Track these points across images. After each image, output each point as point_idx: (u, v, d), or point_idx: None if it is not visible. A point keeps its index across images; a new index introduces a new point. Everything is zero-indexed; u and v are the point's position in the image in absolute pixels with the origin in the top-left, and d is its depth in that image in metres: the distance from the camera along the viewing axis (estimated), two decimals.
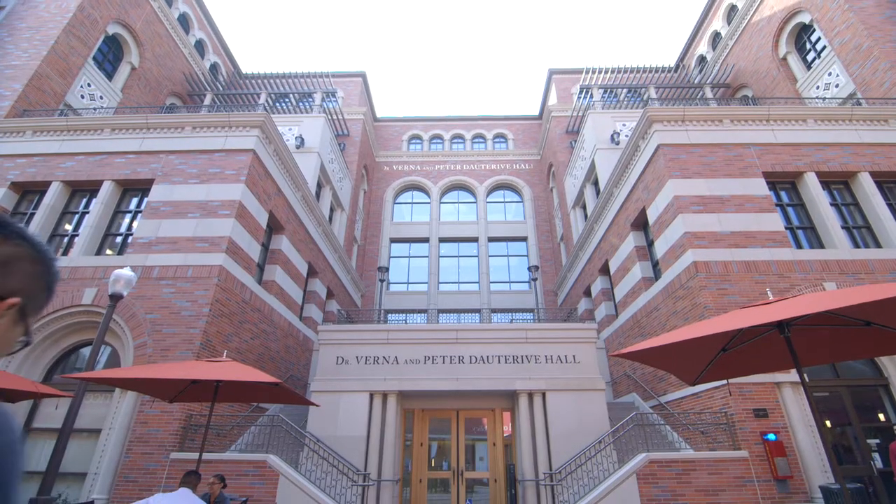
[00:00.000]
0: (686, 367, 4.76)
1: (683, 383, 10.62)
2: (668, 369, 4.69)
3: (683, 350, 4.45)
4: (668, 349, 4.17)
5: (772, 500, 8.19)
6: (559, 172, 22.45)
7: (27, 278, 0.86)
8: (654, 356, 4.34)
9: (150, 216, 11.21)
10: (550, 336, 11.58)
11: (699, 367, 4.77)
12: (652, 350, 3.96)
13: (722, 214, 10.88)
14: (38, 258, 0.88)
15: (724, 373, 5.11)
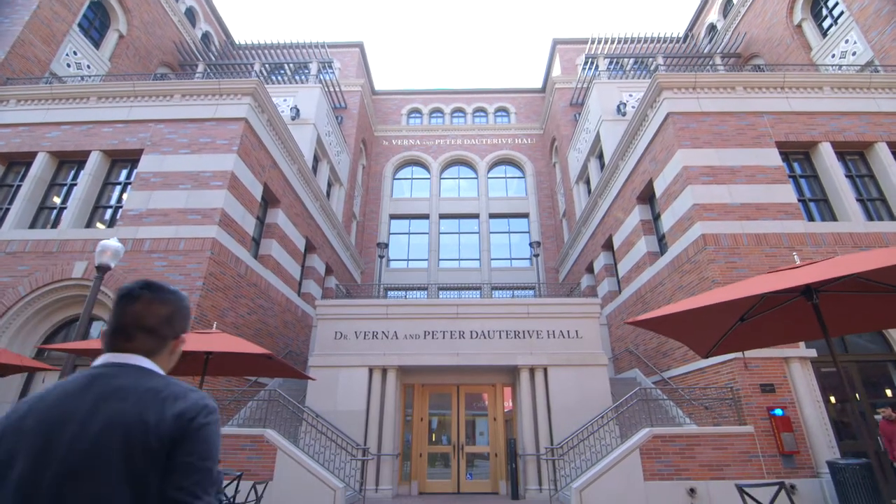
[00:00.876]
0: (700, 338, 4.48)
1: (687, 359, 10.45)
2: (682, 339, 4.41)
3: (700, 319, 4.16)
4: (685, 317, 3.88)
5: (777, 474, 8.06)
6: (562, 146, 21.90)
7: (184, 320, 1.36)
8: (669, 324, 4.06)
9: (140, 188, 10.84)
10: (553, 311, 11.34)
11: (714, 337, 4.49)
12: (668, 318, 3.67)
13: (732, 186, 10.49)
14: (183, 304, 1.35)
15: (740, 344, 4.84)
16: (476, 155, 25.31)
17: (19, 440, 1.05)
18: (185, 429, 1.10)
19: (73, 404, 1.09)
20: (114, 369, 1.20)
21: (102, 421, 1.06)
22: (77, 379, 1.17)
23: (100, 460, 1.02)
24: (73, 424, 1.06)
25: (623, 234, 14.22)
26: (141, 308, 1.27)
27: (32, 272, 10.04)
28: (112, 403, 1.09)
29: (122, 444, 1.04)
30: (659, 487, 7.93)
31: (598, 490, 7.91)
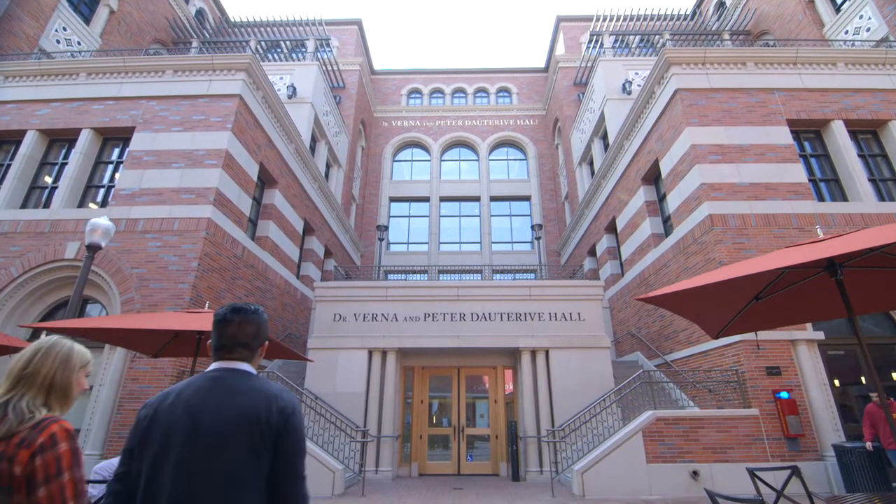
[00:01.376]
0: (712, 317, 4.28)
1: (691, 341, 10.29)
2: (693, 318, 4.21)
3: (714, 296, 3.95)
4: (699, 293, 3.67)
5: (781, 457, 7.96)
6: (565, 127, 21.47)
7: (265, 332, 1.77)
8: (682, 301, 3.85)
9: (133, 166, 10.56)
10: (555, 293, 11.16)
11: (726, 317, 4.29)
12: (682, 294, 3.46)
13: (741, 165, 10.19)
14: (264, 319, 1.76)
15: (753, 325, 4.64)
16: (477, 136, 24.86)
17: (174, 421, 1.45)
18: (286, 420, 1.51)
19: (204, 398, 1.49)
20: (226, 373, 1.60)
21: (228, 412, 1.45)
22: (202, 379, 1.58)
23: (231, 439, 1.41)
24: (208, 413, 1.46)
25: (627, 216, 13.96)
26: (235, 329, 1.67)
27: (24, 253, 9.84)
28: (232, 399, 1.49)
29: (245, 429, 1.43)
30: (661, 470, 7.84)
31: (600, 472, 7.82)
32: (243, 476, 1.39)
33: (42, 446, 1.39)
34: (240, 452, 1.41)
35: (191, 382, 1.57)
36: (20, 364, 1.53)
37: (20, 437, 1.40)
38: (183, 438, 1.42)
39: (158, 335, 5.87)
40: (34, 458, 1.37)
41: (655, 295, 3.38)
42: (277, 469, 1.46)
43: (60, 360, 1.59)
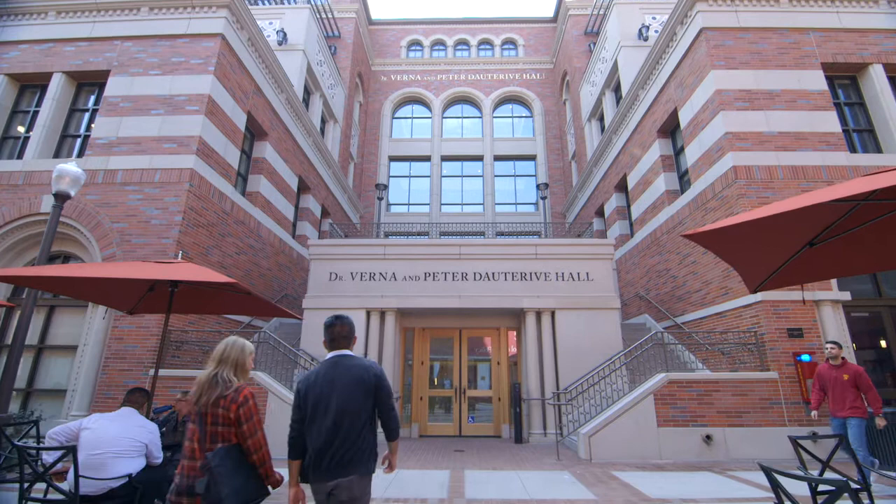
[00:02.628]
0: (757, 264, 3.68)
1: (705, 303, 9.78)
2: (736, 263, 3.61)
3: (766, 237, 3.34)
4: (752, 230, 3.06)
5: (798, 422, 7.58)
6: (574, 81, 20.26)
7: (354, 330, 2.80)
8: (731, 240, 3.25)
9: (109, 113, 9.76)
10: (562, 252, 10.57)
11: (774, 263, 3.69)
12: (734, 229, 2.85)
13: (770, 112, 9.35)
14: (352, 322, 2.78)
15: (799, 276, 4.06)
16: (480, 92, 23.62)
17: (320, 387, 2.50)
18: (378, 379, 2.58)
19: (333, 372, 2.55)
20: (339, 358, 2.62)
21: (348, 378, 2.52)
22: (327, 364, 2.61)
23: (352, 391, 2.48)
24: (338, 380, 2.51)
25: (639, 173, 13.17)
26: (338, 330, 2.68)
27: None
28: (348, 371, 2.55)
29: (359, 385, 2.51)
30: (673, 434, 7.48)
31: (608, 436, 7.46)
32: (360, 408, 2.50)
33: (241, 402, 2.44)
34: (357, 397, 2.50)
35: (322, 366, 2.62)
36: (219, 352, 2.58)
37: (230, 397, 2.43)
38: (328, 395, 2.49)
39: (131, 288, 5.32)
40: (239, 409, 2.42)
41: (706, 230, 2.76)
42: (379, 403, 2.58)
43: (239, 349, 2.62)
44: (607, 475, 6.34)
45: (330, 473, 2.39)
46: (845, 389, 5.58)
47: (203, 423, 2.40)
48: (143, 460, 3.81)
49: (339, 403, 2.45)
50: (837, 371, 5.72)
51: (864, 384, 5.54)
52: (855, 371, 5.64)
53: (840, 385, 5.63)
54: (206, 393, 2.43)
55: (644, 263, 13.05)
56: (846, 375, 5.64)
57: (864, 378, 5.57)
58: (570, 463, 7.20)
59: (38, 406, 8.39)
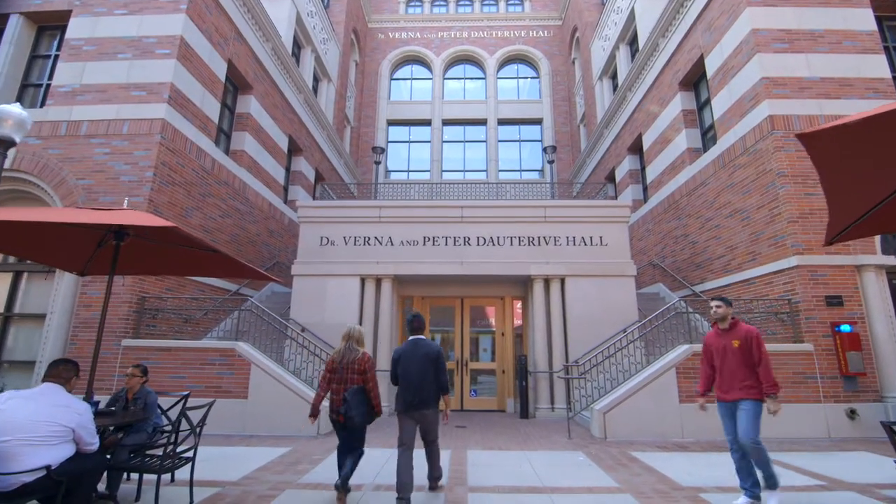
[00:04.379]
0: (857, 196, 2.84)
1: (729, 269, 8.96)
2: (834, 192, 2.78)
3: (872, 163, 2.50)
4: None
5: (835, 398, 6.89)
6: (585, 37, 18.89)
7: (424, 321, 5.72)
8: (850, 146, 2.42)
9: (71, 58, 8.76)
10: (574, 215, 9.71)
11: (873, 199, 2.85)
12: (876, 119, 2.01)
13: (812, 55, 8.30)
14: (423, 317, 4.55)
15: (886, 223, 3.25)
16: (484, 51, 22.20)
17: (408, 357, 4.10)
18: (438, 354, 4.15)
19: (414, 348, 4.11)
20: (418, 340, 4.20)
21: (422, 353, 4.08)
22: (410, 343, 4.19)
23: (424, 361, 4.05)
24: (417, 352, 4.09)
25: (657, 131, 12.15)
26: (417, 323, 4.30)
27: None
28: (425, 349, 4.12)
29: (427, 357, 4.07)
30: (696, 411, 6.77)
31: (625, 413, 6.79)
32: (429, 371, 4.02)
33: (365, 361, 4.05)
34: (428, 365, 4.04)
35: (407, 344, 4.19)
36: (347, 333, 4.21)
37: (358, 359, 4.04)
38: (411, 361, 4.04)
39: (74, 243, 4.51)
40: (364, 365, 4.02)
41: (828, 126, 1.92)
42: (437, 369, 4.08)
43: (358, 331, 4.22)
44: (626, 456, 5.67)
45: (416, 408, 4.01)
46: (736, 362, 3.92)
47: (343, 373, 4.03)
48: (71, 447, 3.08)
49: (418, 368, 4.06)
50: (726, 337, 4.03)
51: (756, 353, 3.88)
52: (747, 334, 3.94)
53: (729, 356, 3.96)
54: (346, 356, 4.10)
55: (659, 230, 12.19)
56: (736, 342, 3.93)
57: (758, 344, 3.89)
58: (583, 441, 6.55)
59: (3, 379, 7.75)
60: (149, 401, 4.13)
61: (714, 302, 4.13)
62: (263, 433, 6.92)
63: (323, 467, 5.12)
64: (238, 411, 7.05)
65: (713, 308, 4.12)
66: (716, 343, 4.12)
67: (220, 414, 6.88)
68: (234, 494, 4.11)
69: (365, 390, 3.96)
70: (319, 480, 4.60)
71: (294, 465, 5.18)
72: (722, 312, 4.08)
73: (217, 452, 5.72)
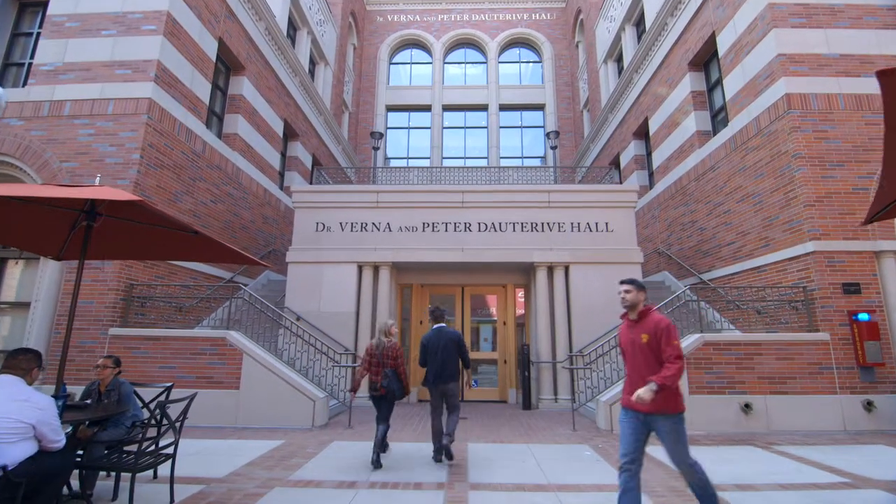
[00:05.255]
0: None
1: (739, 256, 8.64)
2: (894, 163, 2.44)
3: None
4: None
5: (851, 389, 6.61)
6: (589, 19, 18.35)
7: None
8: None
9: (53, 35, 8.36)
10: (579, 199, 9.37)
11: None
12: None
13: (831, 31, 7.88)
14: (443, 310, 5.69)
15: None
16: (485, 34, 21.64)
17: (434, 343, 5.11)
18: (460, 338, 5.22)
19: (438, 335, 5.14)
20: (441, 328, 5.24)
21: (446, 338, 5.11)
22: (435, 330, 5.21)
23: (448, 345, 5.08)
24: (441, 339, 5.11)
25: (664, 114, 11.74)
26: (439, 313, 5.40)
27: None
28: (446, 335, 5.13)
29: (451, 342, 5.11)
30: (707, 402, 6.52)
31: None
32: (454, 356, 5.07)
33: (396, 348, 5.11)
34: (452, 349, 5.06)
35: (432, 332, 5.21)
36: (379, 326, 5.39)
37: (389, 347, 5.09)
38: (437, 346, 5.06)
39: (47, 225, 4.19)
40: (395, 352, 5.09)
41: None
42: (460, 350, 5.12)
43: (387, 324, 5.29)
44: None
45: (442, 381, 5.01)
46: (644, 361, 3.03)
47: (380, 358, 5.04)
48: (32, 445, 2.79)
49: (443, 351, 5.06)
50: (635, 330, 3.13)
51: (665, 350, 2.94)
52: (656, 327, 3.02)
53: (638, 354, 3.08)
54: (379, 345, 5.11)
55: (665, 216, 11.85)
56: (644, 336, 3.03)
57: (668, 338, 2.95)
58: (589, 434, 6.29)
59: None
60: (123, 392, 3.84)
61: (623, 286, 3.17)
62: (256, 425, 6.66)
63: (316, 462, 4.86)
64: (230, 403, 6.79)
65: (621, 293, 3.17)
66: (624, 337, 3.22)
67: (211, 405, 6.65)
68: (218, 493, 3.84)
69: (397, 373, 5.03)
70: (311, 477, 4.33)
71: (285, 460, 4.91)
72: (631, 299, 3.13)
73: (205, 446, 5.46)
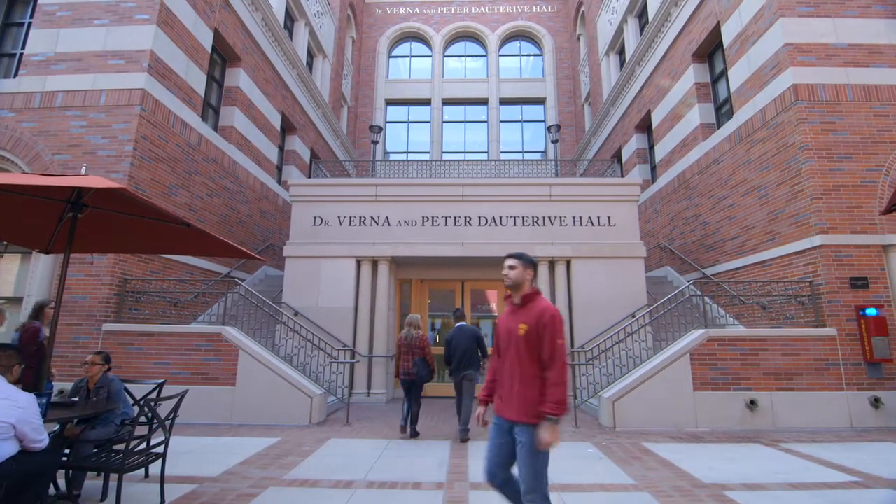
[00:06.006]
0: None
1: (743, 251, 8.51)
2: None
3: None
4: None
5: (858, 385, 6.49)
6: (591, 11, 18.12)
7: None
8: None
9: (44, 24, 8.17)
10: (581, 193, 9.23)
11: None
12: None
13: (839, 20, 7.71)
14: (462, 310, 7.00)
15: None
16: (486, 27, 21.40)
17: (457, 338, 5.98)
18: (478, 335, 6.07)
19: (461, 332, 6.01)
20: (462, 325, 6.14)
21: (467, 335, 5.97)
22: (458, 328, 6.08)
23: (469, 340, 5.95)
24: (463, 336, 5.97)
25: (667, 107, 11.57)
26: (460, 314, 6.48)
27: None
28: (467, 333, 6.00)
29: (471, 337, 5.99)
30: (711, 399, 6.41)
31: (635, 401, 6.40)
32: (473, 348, 5.93)
33: (423, 338, 6.14)
34: (472, 343, 5.94)
35: (455, 329, 6.07)
36: (407, 319, 6.30)
37: (418, 338, 6.11)
38: (459, 340, 5.93)
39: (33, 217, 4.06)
40: (423, 342, 6.12)
41: None
42: (481, 345, 6.03)
43: (416, 318, 6.31)
44: (639, 448, 5.29)
45: (463, 370, 5.87)
46: (517, 357, 2.44)
47: (410, 348, 6.01)
48: (13, 445, 2.67)
49: (463, 346, 5.90)
50: (515, 318, 2.52)
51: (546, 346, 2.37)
52: (539, 316, 2.42)
53: (512, 347, 2.48)
54: (408, 337, 6.07)
55: (668, 210, 11.70)
56: (523, 326, 2.43)
57: (552, 333, 2.37)
58: (591, 431, 6.17)
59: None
60: (112, 389, 3.71)
61: (508, 260, 2.59)
62: (252, 422, 6.54)
63: (312, 461, 4.74)
64: (226, 399, 6.67)
65: (505, 269, 2.59)
66: (502, 324, 2.58)
67: (206, 402, 6.54)
68: (210, 493, 3.72)
69: (425, 360, 6.04)
70: (307, 476, 4.21)
71: (281, 458, 4.79)
72: (515, 277, 2.53)
73: (200, 444, 5.35)
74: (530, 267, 2.60)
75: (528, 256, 2.63)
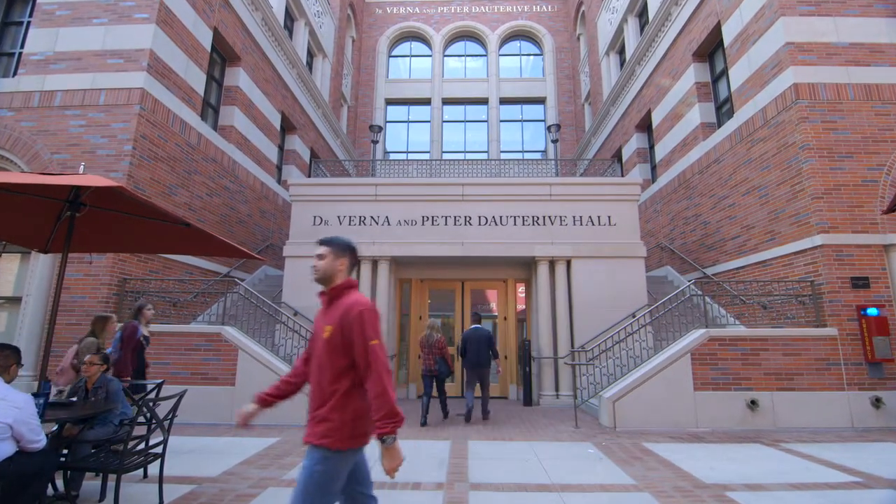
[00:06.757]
0: None
1: (744, 250, 8.49)
2: None
3: None
4: None
5: (860, 385, 6.48)
6: (591, 10, 18.10)
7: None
8: None
9: (43, 23, 8.16)
10: (581, 192, 9.21)
11: None
12: None
13: (840, 19, 7.69)
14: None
15: None
16: (486, 26, 21.37)
17: (472, 338, 7.22)
18: (490, 337, 7.31)
19: (476, 333, 7.25)
20: (477, 327, 7.39)
21: (480, 336, 7.21)
22: (472, 329, 7.35)
23: (482, 340, 7.18)
24: (477, 335, 7.22)
25: (667, 107, 11.55)
26: (477, 317, 7.65)
27: None
28: (481, 334, 7.24)
29: (484, 338, 7.22)
30: (712, 399, 6.40)
31: (636, 401, 6.39)
32: (486, 349, 7.15)
33: (442, 341, 7.14)
34: (485, 344, 7.17)
35: (470, 330, 7.36)
36: (429, 323, 7.39)
37: (437, 340, 7.10)
38: (473, 340, 7.18)
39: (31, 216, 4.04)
40: (442, 343, 7.10)
41: None
42: (492, 345, 7.25)
43: (435, 322, 7.46)
44: (639, 448, 5.28)
45: (476, 367, 7.08)
46: (320, 366, 2.01)
47: (431, 349, 6.97)
48: (10, 446, 2.65)
49: (477, 344, 7.12)
50: (324, 317, 2.09)
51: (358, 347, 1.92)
52: (345, 313, 1.96)
53: (316, 352, 2.06)
54: (429, 339, 7.02)
55: (668, 210, 11.69)
56: (328, 328, 1.99)
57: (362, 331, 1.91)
58: (592, 431, 6.16)
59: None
60: (111, 389, 3.70)
61: (318, 248, 2.16)
62: (252, 422, 6.51)
63: None
64: (225, 399, 6.65)
65: (315, 259, 2.16)
66: (315, 327, 2.15)
67: (206, 402, 6.52)
68: (209, 493, 3.71)
69: (444, 359, 7.00)
70: None
71: (281, 458, 4.78)
72: (324, 267, 2.11)
73: (199, 444, 5.33)
74: (344, 255, 2.11)
75: (341, 241, 2.13)
